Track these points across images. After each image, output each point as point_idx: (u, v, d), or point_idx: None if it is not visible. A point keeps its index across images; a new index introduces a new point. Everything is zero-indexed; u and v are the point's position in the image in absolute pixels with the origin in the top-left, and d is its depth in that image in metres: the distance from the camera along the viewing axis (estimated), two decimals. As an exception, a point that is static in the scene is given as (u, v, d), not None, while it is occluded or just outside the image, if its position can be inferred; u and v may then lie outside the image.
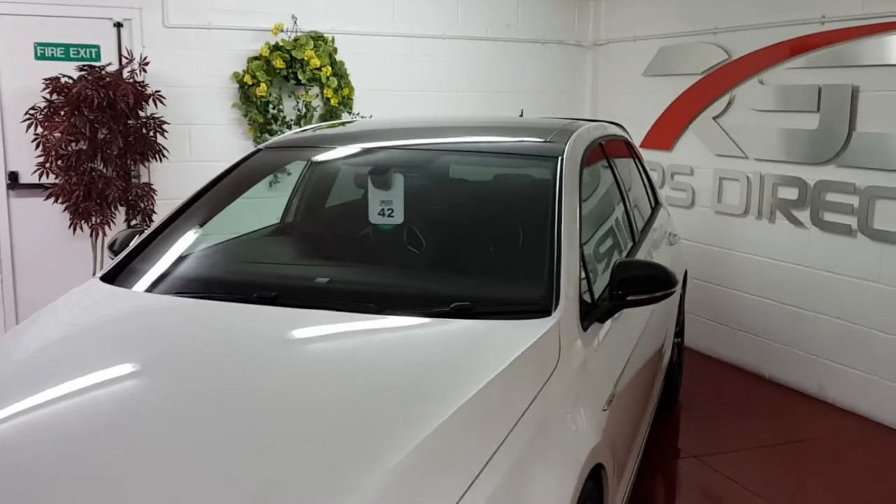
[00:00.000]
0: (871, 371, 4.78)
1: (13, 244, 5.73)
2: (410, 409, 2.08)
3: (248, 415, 2.07)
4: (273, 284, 2.77)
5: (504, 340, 2.40)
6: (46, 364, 2.41)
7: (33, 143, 5.27)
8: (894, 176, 4.55)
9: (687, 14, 6.02)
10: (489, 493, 1.86)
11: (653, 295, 2.79)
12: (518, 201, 3.22)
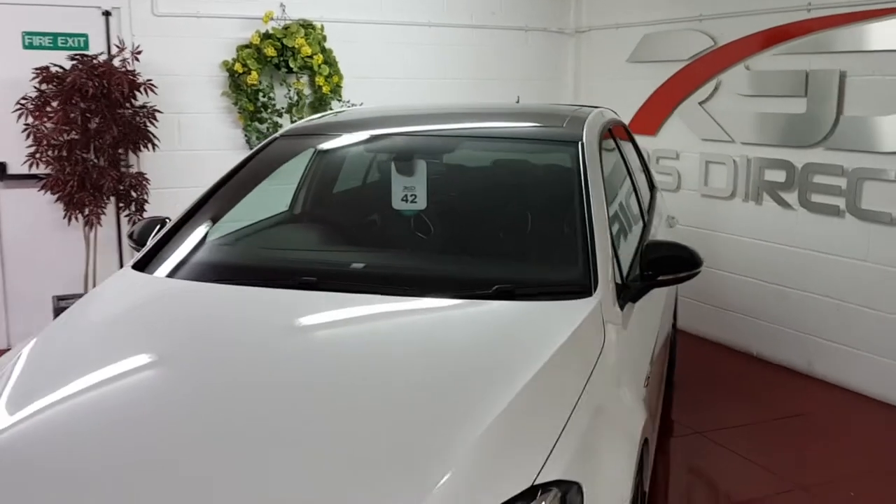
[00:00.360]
0: (859, 347, 4.96)
1: (2, 235, 5.65)
2: (481, 386, 2.16)
3: (331, 394, 2.14)
4: (315, 270, 2.81)
5: (553, 320, 2.48)
6: (108, 351, 2.44)
7: (23, 134, 5.21)
8: (881, 158, 4.71)
9: (671, 1, 6.13)
10: (564, 466, 1.94)
11: (680, 275, 2.89)
12: (545, 186, 3.30)
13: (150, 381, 2.28)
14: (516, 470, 1.90)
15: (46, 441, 2.03)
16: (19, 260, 5.69)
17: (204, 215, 3.24)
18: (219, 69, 6.00)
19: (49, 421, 2.11)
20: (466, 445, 1.93)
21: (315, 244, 3.27)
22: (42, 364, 2.41)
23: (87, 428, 2.07)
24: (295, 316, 2.58)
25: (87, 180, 5.19)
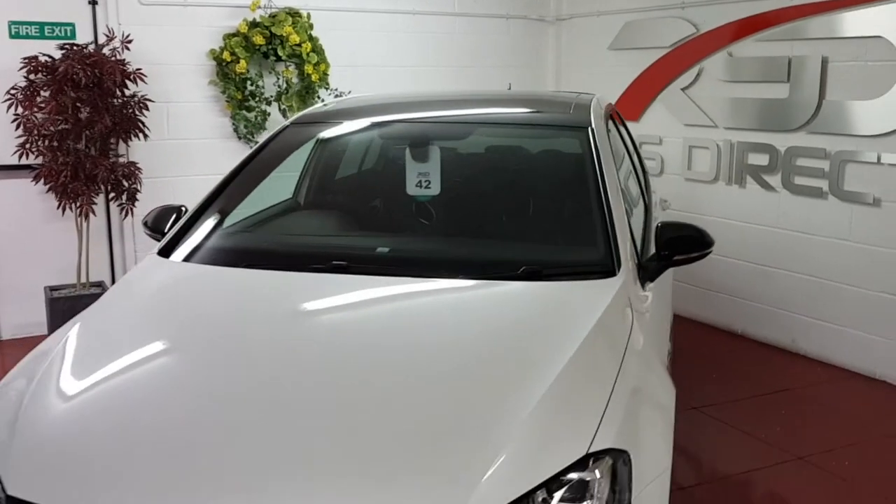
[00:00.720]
0: (842, 323, 5.15)
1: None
2: (525, 362, 2.25)
3: (382, 372, 2.22)
4: (346, 254, 2.86)
5: (583, 299, 2.58)
6: (158, 330, 2.54)
7: (12, 124, 5.17)
8: (863, 141, 4.89)
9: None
10: (614, 436, 2.04)
11: (693, 255, 3.00)
12: (559, 170, 3.39)
13: (207, 355, 2.36)
14: (570, 440, 2.00)
15: (122, 405, 2.16)
16: (10, 251, 5.65)
17: (224, 202, 3.27)
18: (206, 58, 6.00)
19: (120, 389, 2.23)
20: (520, 418, 2.02)
21: (340, 229, 3.32)
22: (95, 342, 2.48)
23: (152, 394, 2.20)
24: (333, 298, 2.64)
25: (80, 170, 5.17)
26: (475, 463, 1.91)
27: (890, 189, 4.78)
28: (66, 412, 2.18)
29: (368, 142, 3.82)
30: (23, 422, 2.14)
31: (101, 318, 2.66)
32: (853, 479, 3.75)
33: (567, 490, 1.92)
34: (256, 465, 1.92)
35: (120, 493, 1.92)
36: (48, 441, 2.09)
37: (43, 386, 2.27)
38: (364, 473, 1.89)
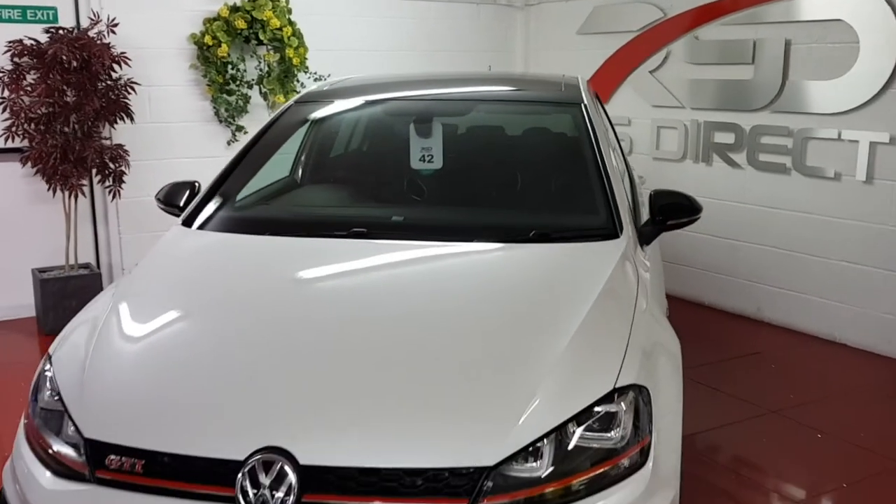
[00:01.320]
0: (806, 291, 5.47)
1: (-25, 209, 5.64)
2: (552, 310, 2.49)
3: (430, 318, 2.46)
4: (365, 222, 3.04)
5: (593, 257, 2.80)
6: (210, 286, 2.76)
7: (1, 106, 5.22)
8: (824, 119, 5.20)
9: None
10: (635, 374, 2.27)
11: (683, 220, 3.23)
12: (559, 143, 3.60)
13: (256, 308, 2.57)
14: (598, 376, 2.22)
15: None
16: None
17: (240, 176, 3.42)
18: (186, 42, 6.08)
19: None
20: (552, 359, 2.24)
21: (353, 200, 3.49)
22: (143, 301, 2.66)
23: (209, 342, 2.44)
24: (362, 260, 2.83)
25: (69, 152, 5.23)
26: (516, 399, 2.12)
27: (849, 164, 5.09)
28: (129, 362, 2.35)
29: (372, 119, 3.98)
30: (89, 374, 2.29)
31: (143, 282, 2.80)
32: (826, 430, 4.04)
33: (596, 421, 2.14)
34: (320, 399, 2.11)
35: (187, 427, 2.09)
36: (115, 389, 2.26)
37: (103, 341, 2.42)
38: (421, 405, 2.10)
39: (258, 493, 1.97)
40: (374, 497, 1.98)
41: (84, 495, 2.10)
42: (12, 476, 2.36)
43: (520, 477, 2.03)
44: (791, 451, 3.86)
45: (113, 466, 2.10)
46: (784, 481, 3.55)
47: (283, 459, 1.99)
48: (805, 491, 3.48)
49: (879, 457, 3.77)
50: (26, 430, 2.38)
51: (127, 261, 6.09)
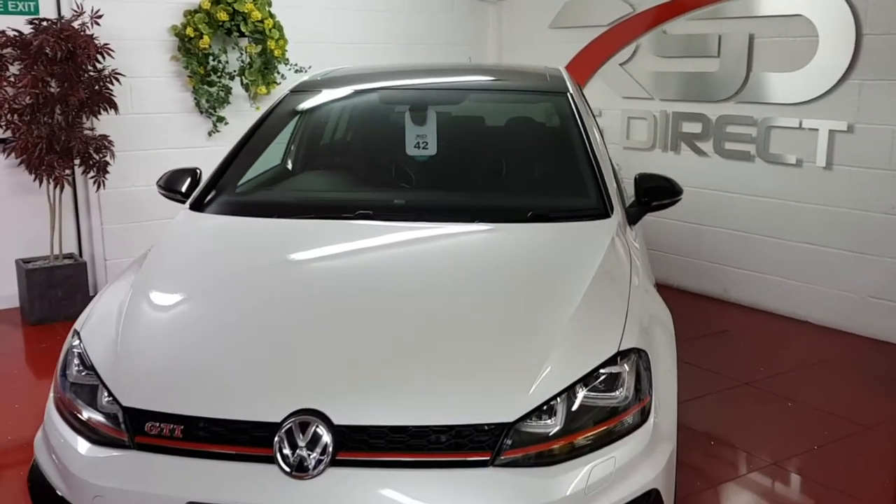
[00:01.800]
0: (769, 272, 5.76)
1: (-45, 202, 5.67)
2: (557, 281, 2.71)
3: (446, 288, 2.66)
4: (369, 204, 3.21)
5: (589, 234, 3.02)
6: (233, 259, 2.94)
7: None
8: (786, 108, 5.48)
9: (590, -29, 6.73)
10: (636, 339, 2.48)
11: (665, 201, 3.46)
12: (549, 130, 3.80)
13: (278, 280, 2.77)
14: (602, 342, 2.42)
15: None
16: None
17: (243, 162, 3.56)
18: (167, 33, 6.16)
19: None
20: (561, 327, 2.44)
21: (354, 185, 3.66)
22: (165, 278, 2.82)
23: (235, 311, 2.62)
24: (373, 239, 3.00)
25: (55, 143, 5.29)
26: (530, 362, 2.31)
27: (810, 151, 5.38)
28: (162, 334, 2.51)
29: (368, 107, 4.13)
30: (123, 348, 2.44)
31: (163, 261, 2.94)
32: (795, 399, 4.32)
33: (601, 382, 2.35)
34: (350, 363, 2.29)
35: (224, 393, 2.26)
36: (151, 360, 2.41)
37: (132, 317, 2.56)
38: (445, 368, 2.29)
39: (295, 453, 2.14)
40: (404, 453, 2.16)
41: (125, 460, 2.25)
42: (46, 447, 2.48)
43: (534, 433, 2.22)
44: (764, 418, 4.12)
45: (152, 432, 2.24)
46: (759, 445, 3.80)
47: (317, 421, 2.16)
48: (780, 453, 3.73)
49: (846, 422, 4.05)
50: (57, 403, 2.51)
51: (109, 251, 6.15)
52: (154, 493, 2.19)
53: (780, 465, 3.63)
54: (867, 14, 4.99)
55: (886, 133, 4.99)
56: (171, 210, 3.45)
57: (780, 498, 3.44)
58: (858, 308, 5.28)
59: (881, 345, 5.11)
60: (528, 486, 2.16)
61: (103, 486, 2.23)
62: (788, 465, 3.65)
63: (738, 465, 3.65)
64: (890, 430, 4.04)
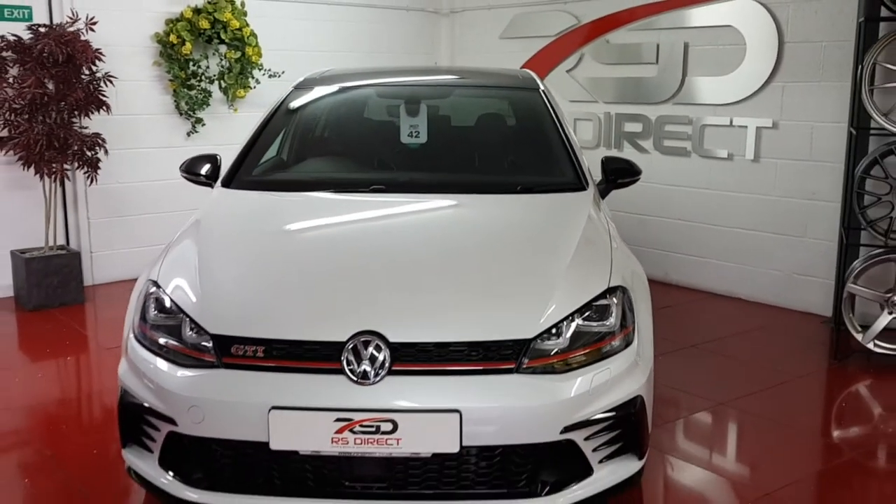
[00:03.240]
0: (705, 255, 6.46)
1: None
2: (553, 236, 3.28)
3: (458, 243, 3.22)
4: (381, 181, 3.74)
5: (572, 202, 3.61)
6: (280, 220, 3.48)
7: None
8: (718, 108, 6.20)
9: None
10: (620, 279, 3.06)
11: (627, 180, 4.08)
12: (527, 120, 4.36)
13: (326, 232, 3.34)
14: (595, 281, 2.99)
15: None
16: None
17: (261, 148, 4.04)
18: (150, 40, 6.57)
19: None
20: (562, 269, 3.01)
21: (362, 166, 4.17)
22: (223, 230, 3.37)
23: (299, 251, 3.23)
24: (391, 208, 3.55)
25: (54, 140, 5.66)
26: (541, 296, 2.87)
27: (740, 146, 6.10)
28: (238, 273, 3.04)
29: (364, 101, 4.64)
30: (206, 288, 2.91)
31: (218, 220, 3.47)
32: (734, 357, 4.99)
33: (595, 312, 2.92)
34: (401, 293, 2.85)
35: (297, 318, 2.77)
36: (232, 294, 2.91)
37: (206, 263, 3.04)
38: (477, 298, 2.84)
39: (359, 365, 2.65)
40: (446, 363, 2.69)
41: (215, 376, 2.72)
42: (135, 375, 2.91)
43: (546, 349, 2.78)
44: (710, 371, 4.77)
45: (238, 353, 2.73)
46: (708, 391, 4.43)
47: (377, 339, 2.67)
48: (726, 396, 4.36)
49: (779, 373, 4.73)
50: (143, 339, 2.95)
51: (95, 243, 6.50)
52: (242, 401, 2.67)
53: (727, 405, 4.28)
54: (788, 25, 5.75)
55: (806, 129, 5.74)
56: (155, 206, 3.93)
57: (728, 427, 4.08)
58: (785, 284, 6.01)
59: (806, 315, 5.84)
60: (545, 387, 2.72)
61: (198, 397, 2.70)
62: (734, 404, 4.29)
63: (692, 406, 4.27)
64: (816, 379, 4.74)
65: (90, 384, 4.72)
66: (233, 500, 2.76)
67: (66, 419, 4.17)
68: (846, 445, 3.95)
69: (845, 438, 4.04)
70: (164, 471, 2.85)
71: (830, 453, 3.88)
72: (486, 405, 2.66)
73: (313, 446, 2.64)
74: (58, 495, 3.34)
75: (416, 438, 2.63)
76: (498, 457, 2.72)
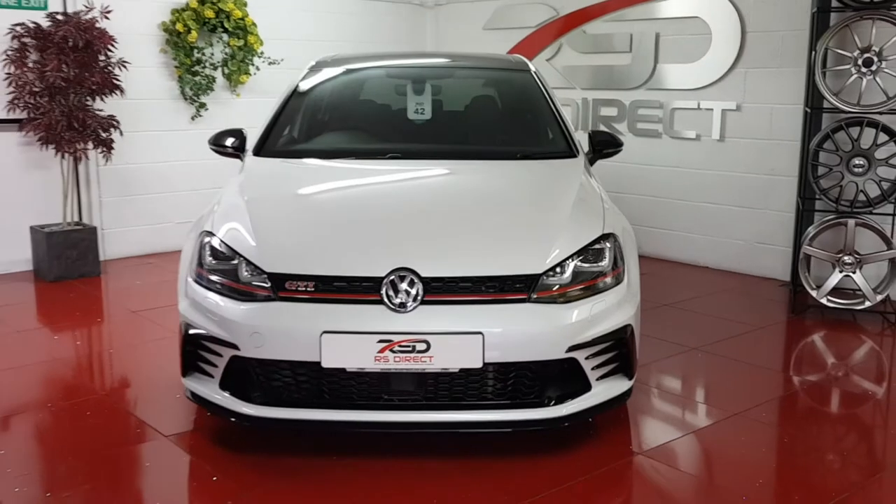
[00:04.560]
0: (675, 229, 7.03)
1: (-24, 175, 6.33)
2: (555, 192, 3.83)
3: (473, 196, 3.78)
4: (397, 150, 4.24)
5: (566, 166, 4.14)
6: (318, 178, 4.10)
7: (4, 81, 6.02)
8: (687, 93, 6.77)
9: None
10: (610, 227, 3.59)
11: (611, 150, 4.61)
12: (522, 97, 4.86)
13: (360, 184, 3.92)
14: (591, 229, 3.52)
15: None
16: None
17: (285, 121, 4.50)
18: (157, 29, 6.99)
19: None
20: (563, 219, 3.54)
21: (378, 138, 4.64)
22: (268, 186, 3.93)
23: (341, 199, 3.83)
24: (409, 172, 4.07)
25: (74, 121, 6.06)
26: (547, 239, 3.40)
27: (707, 127, 6.68)
28: (288, 219, 3.58)
29: (376, 80, 5.12)
30: (259, 234, 3.40)
31: (258, 181, 3.95)
32: (703, 313, 5.56)
33: (591, 254, 3.44)
34: (431, 236, 3.39)
35: (343, 257, 3.26)
36: (284, 238, 3.42)
37: (257, 213, 3.54)
38: (495, 240, 3.37)
39: (396, 297, 3.15)
40: (470, 294, 3.20)
41: (272, 307, 3.21)
42: (197, 311, 3.38)
43: (552, 283, 3.30)
44: (682, 324, 5.33)
45: (291, 288, 3.21)
46: (681, 339, 4.97)
47: (411, 274, 3.17)
48: (698, 342, 4.92)
49: (742, 324, 5.31)
50: (201, 281, 3.42)
51: (107, 220, 6.90)
52: (297, 327, 3.15)
53: (698, 349, 4.83)
54: (749, 16, 6.33)
55: (766, 111, 6.33)
56: (161, 186, 4.44)
57: (700, 366, 4.63)
58: (747, 252, 6.60)
59: (766, 280, 6.43)
60: (552, 314, 3.24)
61: (258, 325, 3.18)
62: (704, 349, 4.84)
63: (668, 351, 4.81)
64: (776, 329, 5.32)
65: (129, 338, 5.10)
66: (285, 412, 3.25)
67: (115, 366, 4.62)
68: (800, 377, 4.52)
69: (800, 372, 4.62)
70: (224, 392, 3.33)
71: (788, 384, 4.44)
72: (503, 328, 3.18)
73: (359, 364, 3.14)
74: (118, 424, 3.78)
75: (446, 356, 3.13)
76: (513, 375, 3.24)
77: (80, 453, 3.47)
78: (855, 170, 5.28)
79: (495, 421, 3.27)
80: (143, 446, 3.56)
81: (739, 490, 3.20)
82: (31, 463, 3.44)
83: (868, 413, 4.12)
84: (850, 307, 5.42)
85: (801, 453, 3.62)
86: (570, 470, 3.30)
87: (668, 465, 3.42)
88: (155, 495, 3.21)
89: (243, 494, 3.11)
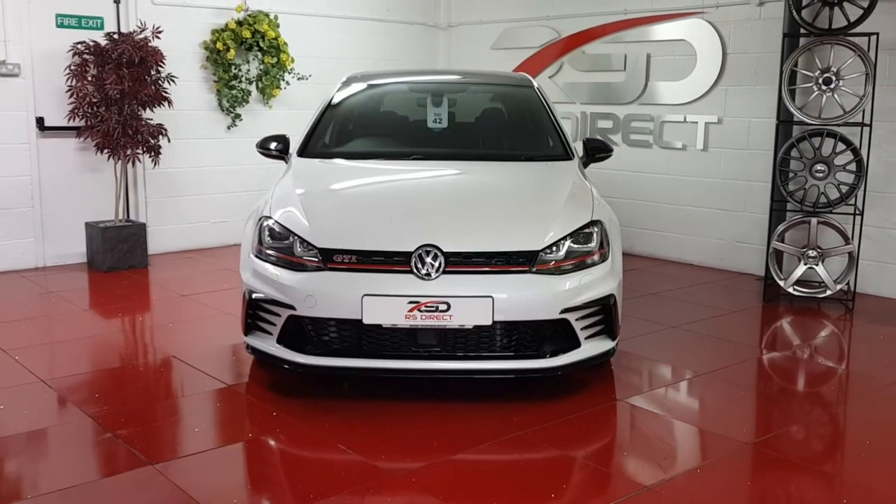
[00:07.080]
0: (663, 230, 7.78)
1: (40, 175, 7.09)
2: (551, 187, 4.56)
3: (488, 189, 4.53)
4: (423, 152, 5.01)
5: (561, 168, 4.90)
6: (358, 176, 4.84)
7: (56, 93, 6.84)
8: (675, 108, 7.54)
9: (524, 4, 8.70)
10: (599, 214, 4.34)
11: (603, 155, 5.36)
12: (526, 109, 5.62)
13: (392, 178, 4.69)
14: (581, 216, 4.27)
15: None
16: (53, 196, 7.17)
17: (323, 127, 5.26)
18: (198, 47, 7.78)
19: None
20: (558, 209, 4.28)
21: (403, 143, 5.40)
22: (316, 177, 4.74)
23: (381, 190, 4.65)
24: (431, 170, 4.84)
25: (128, 129, 6.84)
26: (545, 223, 4.15)
27: (692, 138, 7.44)
28: (335, 205, 4.39)
29: (399, 94, 5.89)
30: (311, 217, 4.15)
31: (305, 175, 4.72)
32: (688, 301, 6.30)
33: (581, 236, 4.19)
34: (451, 218, 4.14)
35: (380, 235, 4.01)
36: (332, 220, 4.18)
37: (306, 202, 4.28)
38: (503, 222, 4.14)
39: (423, 268, 3.90)
40: (482, 266, 3.96)
41: (323, 276, 3.96)
42: (259, 280, 4.13)
43: (548, 258, 4.05)
44: (664, 308, 6.06)
45: (338, 260, 3.97)
46: (665, 319, 5.71)
47: (435, 249, 3.93)
48: (680, 321, 5.65)
49: (718, 308, 6.06)
50: (262, 255, 4.17)
51: (151, 219, 7.67)
52: (343, 291, 3.91)
53: (678, 328, 5.57)
54: (729, 39, 7.11)
55: (744, 123, 7.09)
56: (199, 189, 5.46)
57: (679, 339, 5.36)
58: (728, 251, 7.34)
59: (745, 275, 7.16)
60: (548, 282, 3.99)
61: (312, 289, 3.93)
62: (683, 328, 5.58)
63: (651, 329, 5.54)
64: (749, 313, 6.05)
65: (184, 315, 5.85)
66: (332, 361, 4.01)
67: (176, 335, 5.38)
68: (763, 349, 5.26)
69: (763, 345, 5.38)
70: (280, 345, 4.08)
71: (752, 353, 5.18)
72: (509, 294, 3.93)
73: (392, 321, 3.89)
74: (188, 376, 4.53)
75: (462, 315, 3.88)
76: (516, 332, 3.98)
77: (167, 397, 4.22)
78: (817, 175, 6.03)
79: (501, 369, 4.02)
80: (213, 392, 4.31)
81: (701, 426, 3.95)
82: (126, 405, 4.18)
83: (818, 370, 4.87)
84: (813, 295, 6.16)
85: (759, 401, 4.37)
86: (562, 410, 4.05)
87: (644, 409, 4.16)
88: (231, 425, 3.96)
89: (299, 425, 3.86)
